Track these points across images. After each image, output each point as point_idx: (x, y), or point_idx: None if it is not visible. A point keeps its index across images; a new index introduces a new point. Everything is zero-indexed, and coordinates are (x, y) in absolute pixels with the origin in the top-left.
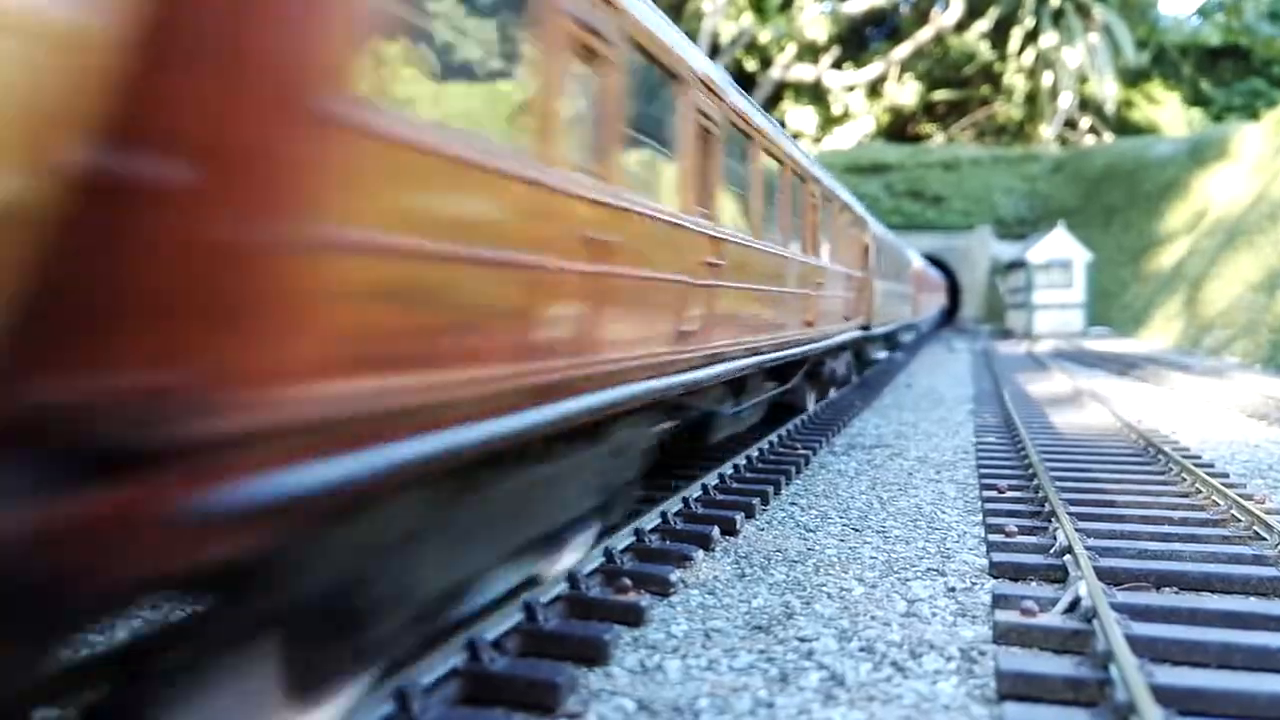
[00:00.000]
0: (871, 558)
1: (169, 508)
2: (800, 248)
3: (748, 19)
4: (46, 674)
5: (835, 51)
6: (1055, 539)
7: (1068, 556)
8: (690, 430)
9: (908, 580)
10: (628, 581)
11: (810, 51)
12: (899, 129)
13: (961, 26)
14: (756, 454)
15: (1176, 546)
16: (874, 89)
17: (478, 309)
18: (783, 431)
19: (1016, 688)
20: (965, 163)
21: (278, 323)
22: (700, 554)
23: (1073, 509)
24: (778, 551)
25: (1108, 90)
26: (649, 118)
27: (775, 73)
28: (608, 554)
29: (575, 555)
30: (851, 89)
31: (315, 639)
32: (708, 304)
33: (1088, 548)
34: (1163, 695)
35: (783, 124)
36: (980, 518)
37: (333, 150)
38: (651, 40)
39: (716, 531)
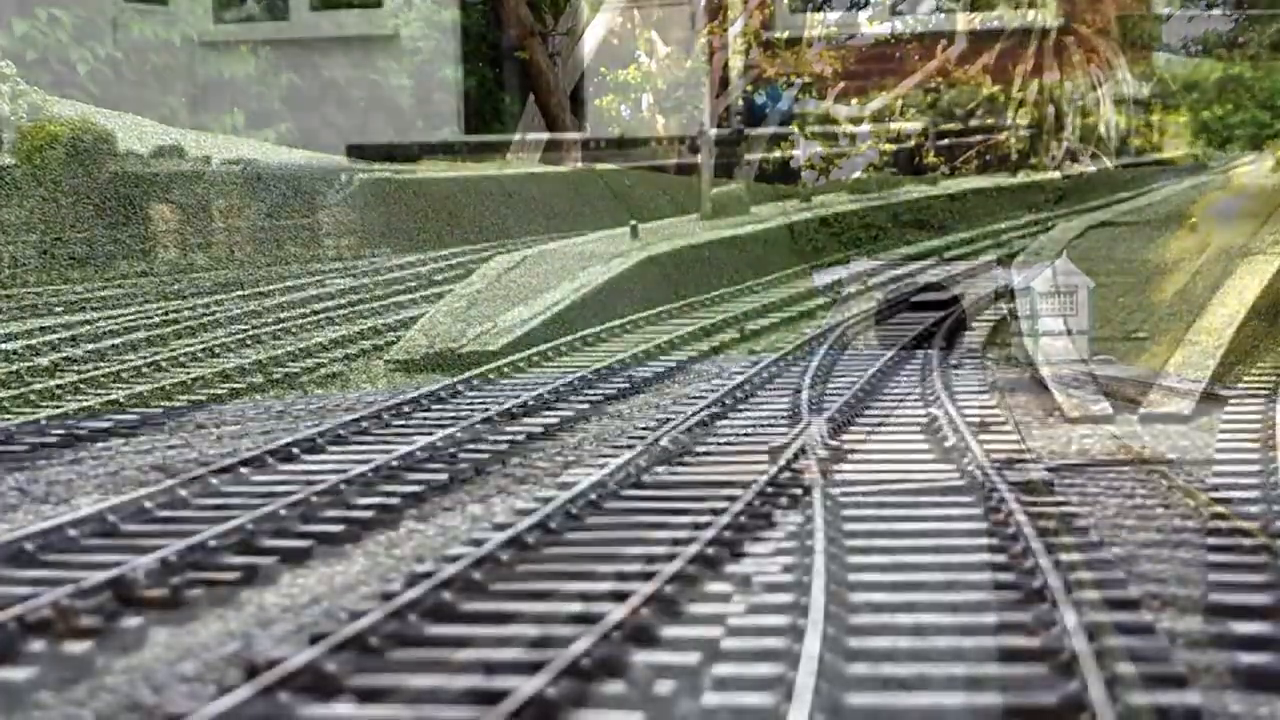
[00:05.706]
0: None
1: None
2: None
3: (754, 54)
4: None
5: (841, 85)
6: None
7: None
8: None
9: None
10: None
11: (816, 85)
12: (905, 161)
13: (965, 60)
14: None
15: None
16: (879, 121)
17: None
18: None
19: None
20: (969, 193)
21: None
22: None
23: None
24: None
25: (1110, 121)
26: None
27: (782, 105)
28: None
29: None
30: (857, 121)
31: None
32: None
33: None
34: None
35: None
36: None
37: None
38: None
39: None
